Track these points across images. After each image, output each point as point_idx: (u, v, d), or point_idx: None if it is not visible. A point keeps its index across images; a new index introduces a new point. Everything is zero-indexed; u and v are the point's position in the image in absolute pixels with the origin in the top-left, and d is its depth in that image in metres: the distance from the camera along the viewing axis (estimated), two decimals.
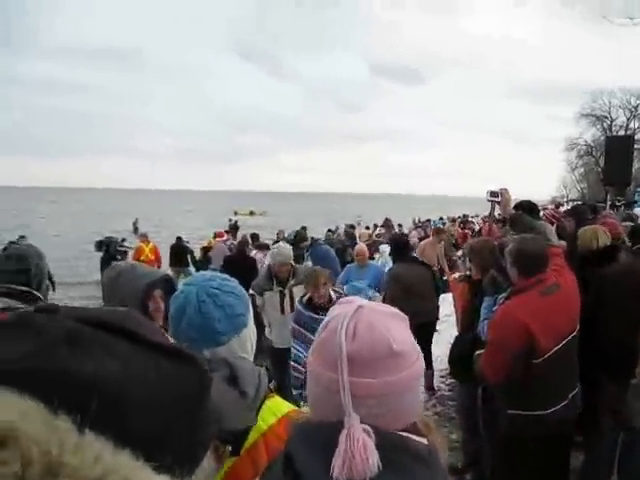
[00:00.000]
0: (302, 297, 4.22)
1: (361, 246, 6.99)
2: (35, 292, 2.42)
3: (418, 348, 0.96)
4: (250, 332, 1.40)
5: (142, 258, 12.77)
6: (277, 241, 12.12)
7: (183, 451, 0.54)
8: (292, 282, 4.98)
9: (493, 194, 3.93)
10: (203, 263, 13.82)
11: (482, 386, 3.38)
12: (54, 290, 5.92)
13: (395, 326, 0.93)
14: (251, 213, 51.71)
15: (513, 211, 3.90)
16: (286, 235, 15.70)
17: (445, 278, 8.25)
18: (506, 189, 3.92)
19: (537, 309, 2.83)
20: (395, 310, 0.98)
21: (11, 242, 2.70)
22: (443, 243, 10.01)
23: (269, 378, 1.34)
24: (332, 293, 4.07)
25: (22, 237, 13.09)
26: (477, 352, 3.15)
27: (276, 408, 1.30)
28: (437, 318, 6.23)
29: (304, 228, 16.77)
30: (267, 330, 5.20)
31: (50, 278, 3.31)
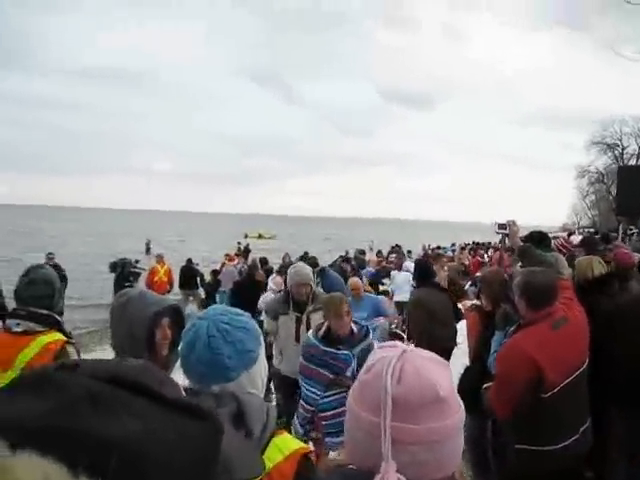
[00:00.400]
0: (317, 330, 3.77)
1: (354, 280, 6.86)
2: (56, 316, 2.47)
3: (459, 397, 0.94)
4: (260, 368, 1.39)
5: (156, 279, 12.83)
6: (283, 265, 12.02)
7: None
8: (311, 308, 4.50)
9: (501, 226, 3.92)
10: (212, 286, 13.81)
11: (492, 418, 3.33)
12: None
13: (440, 372, 0.91)
14: (260, 236, 51.50)
15: (521, 243, 3.88)
16: (292, 259, 15.54)
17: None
18: (514, 221, 3.90)
19: (546, 342, 2.80)
20: (437, 356, 0.96)
21: (35, 265, 2.74)
22: (447, 268, 10.00)
23: (279, 414, 1.33)
24: (353, 325, 3.72)
25: (50, 255, 12.75)
26: (485, 385, 3.12)
27: (284, 445, 1.27)
28: (455, 344, 5.99)
29: (306, 254, 16.44)
30: (276, 360, 4.84)
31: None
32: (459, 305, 6.60)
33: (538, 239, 4.16)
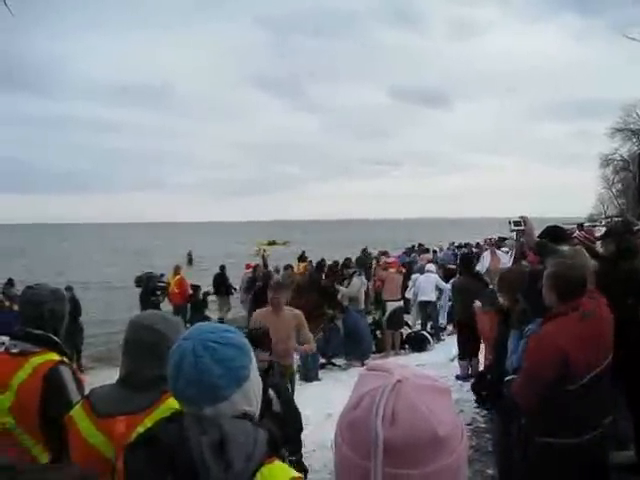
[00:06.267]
0: None
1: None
2: (51, 335, 2.45)
3: (462, 424, 0.85)
4: (254, 385, 1.34)
5: (169, 291, 13.16)
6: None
7: None
8: None
9: (516, 224, 3.88)
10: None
11: (517, 415, 3.30)
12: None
13: (439, 404, 0.81)
14: (273, 243, 50.49)
15: (537, 239, 3.84)
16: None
17: None
18: (526, 218, 3.86)
19: (575, 333, 2.77)
20: (437, 382, 0.86)
21: (28, 287, 2.70)
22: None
23: (274, 441, 1.25)
24: None
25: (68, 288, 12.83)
26: (508, 378, 3.11)
27: (271, 476, 1.19)
28: None
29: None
30: None
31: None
32: None
33: (555, 235, 4.08)
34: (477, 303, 6.15)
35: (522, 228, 3.86)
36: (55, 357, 2.38)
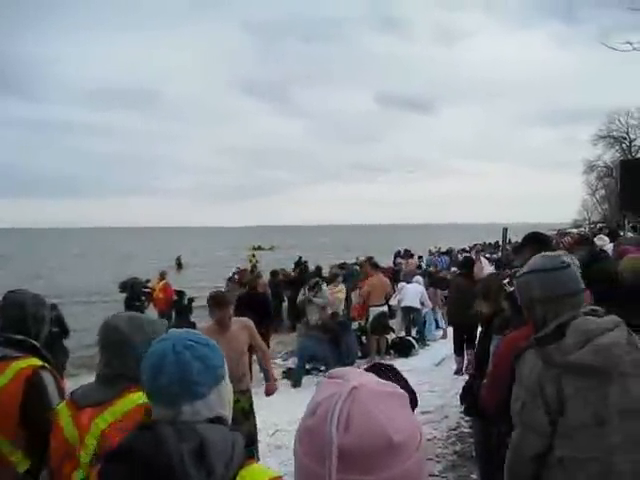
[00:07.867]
0: None
1: None
2: (32, 340, 2.44)
3: (419, 429, 0.85)
4: (227, 388, 1.37)
5: (154, 297, 13.14)
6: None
7: None
8: None
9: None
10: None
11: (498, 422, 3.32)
12: (67, 336, 6.17)
13: (395, 410, 0.81)
14: (259, 248, 50.16)
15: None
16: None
17: None
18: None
19: None
20: (393, 388, 0.86)
21: (10, 291, 2.70)
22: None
23: (250, 444, 1.30)
24: None
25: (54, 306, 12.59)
26: (484, 381, 3.12)
27: (250, 478, 1.19)
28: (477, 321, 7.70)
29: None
30: None
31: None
32: None
33: (537, 241, 4.09)
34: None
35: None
36: (37, 362, 2.38)
